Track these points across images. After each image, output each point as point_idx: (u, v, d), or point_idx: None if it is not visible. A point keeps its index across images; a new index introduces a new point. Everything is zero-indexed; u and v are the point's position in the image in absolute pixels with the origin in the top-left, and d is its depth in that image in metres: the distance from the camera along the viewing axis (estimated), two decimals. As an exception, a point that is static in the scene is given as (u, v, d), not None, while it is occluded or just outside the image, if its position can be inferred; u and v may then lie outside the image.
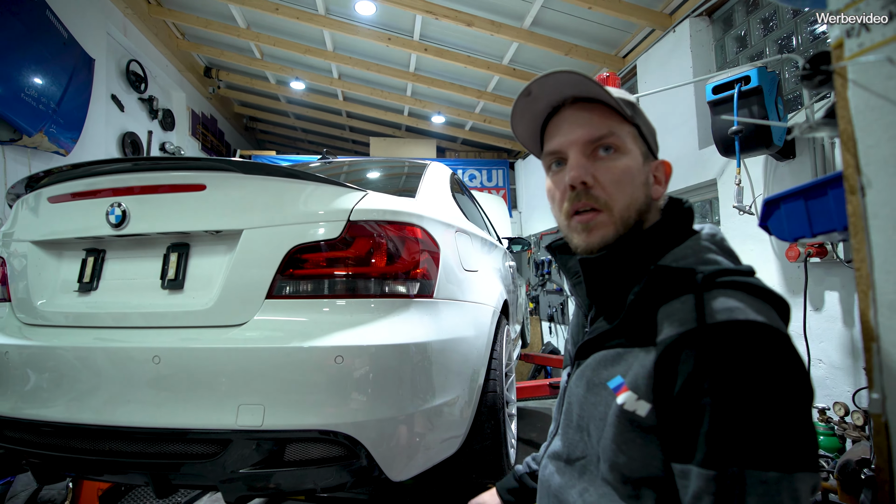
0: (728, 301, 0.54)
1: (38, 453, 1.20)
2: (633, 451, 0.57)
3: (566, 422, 0.70)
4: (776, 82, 2.33)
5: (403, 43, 4.93)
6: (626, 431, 0.57)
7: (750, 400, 0.49)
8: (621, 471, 0.58)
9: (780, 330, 0.53)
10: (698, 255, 0.61)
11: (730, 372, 0.50)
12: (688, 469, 0.52)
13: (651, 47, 3.96)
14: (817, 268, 2.37)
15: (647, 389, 0.56)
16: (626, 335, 0.61)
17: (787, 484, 0.47)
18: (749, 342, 0.51)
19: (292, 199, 1.19)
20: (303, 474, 1.08)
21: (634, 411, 0.56)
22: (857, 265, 0.58)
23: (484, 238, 2.13)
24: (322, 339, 1.08)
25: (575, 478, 0.65)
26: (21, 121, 3.14)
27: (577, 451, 0.66)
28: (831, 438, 2.04)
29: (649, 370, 0.56)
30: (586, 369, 0.65)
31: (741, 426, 0.49)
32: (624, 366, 0.60)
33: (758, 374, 0.50)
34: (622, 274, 0.64)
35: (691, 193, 3.64)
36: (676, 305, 0.57)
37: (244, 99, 7.68)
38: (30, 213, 1.38)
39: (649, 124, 0.71)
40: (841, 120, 0.58)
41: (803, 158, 2.45)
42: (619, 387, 0.59)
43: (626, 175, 0.65)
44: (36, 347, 1.23)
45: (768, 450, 0.48)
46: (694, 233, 0.66)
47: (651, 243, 0.64)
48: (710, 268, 0.59)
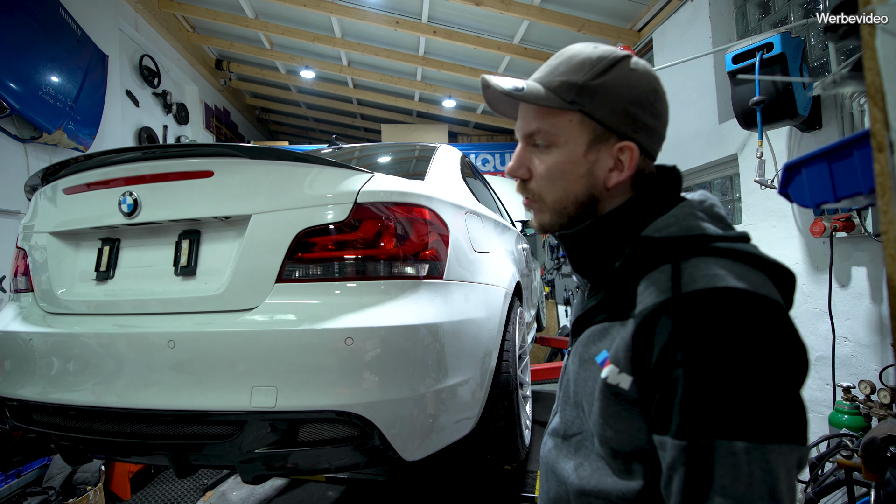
0: (707, 268, 0.52)
1: (67, 436, 1.25)
2: (619, 424, 0.56)
3: (564, 398, 0.70)
4: (801, 48, 2.22)
5: (412, 26, 4.85)
6: (611, 405, 0.57)
7: (722, 369, 0.47)
8: (610, 445, 0.58)
9: (768, 297, 0.50)
10: (682, 223, 0.58)
11: (702, 341, 0.48)
12: (664, 440, 0.51)
13: (668, 19, 3.81)
14: (843, 243, 2.28)
15: (627, 362, 0.55)
16: (610, 309, 0.60)
17: (757, 455, 0.46)
18: (725, 310, 0.49)
19: (299, 183, 1.19)
20: (317, 454, 1.10)
21: (618, 384, 0.56)
22: (885, 228, 0.54)
23: (496, 220, 2.11)
24: (331, 321, 1.09)
25: (571, 453, 0.65)
26: (40, 119, 3.21)
27: (574, 427, 0.66)
28: (856, 417, 1.98)
29: (628, 343, 0.55)
30: (579, 345, 0.65)
31: (712, 396, 0.47)
32: (609, 340, 0.59)
33: (732, 342, 0.48)
34: (600, 247, 0.63)
35: (711, 170, 3.53)
36: (654, 276, 0.55)
37: (256, 90, 7.72)
38: (47, 205, 1.42)
39: (613, 100, 0.60)
40: (868, 72, 0.54)
41: (830, 128, 2.34)
42: (603, 361, 0.58)
43: (555, 170, 0.63)
44: (59, 335, 1.26)
45: (738, 420, 0.46)
46: (682, 200, 0.62)
47: (629, 215, 0.61)
48: (692, 233, 0.56)
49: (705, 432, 0.47)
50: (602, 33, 4.33)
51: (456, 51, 5.40)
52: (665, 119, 0.64)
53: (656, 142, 0.64)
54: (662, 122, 0.63)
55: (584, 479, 0.61)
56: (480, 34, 4.94)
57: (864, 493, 1.66)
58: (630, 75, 0.61)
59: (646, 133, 0.62)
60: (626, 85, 0.61)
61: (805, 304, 2.55)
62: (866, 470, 1.34)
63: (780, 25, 2.85)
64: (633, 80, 0.61)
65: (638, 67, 0.63)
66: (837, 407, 2.10)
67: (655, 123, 0.62)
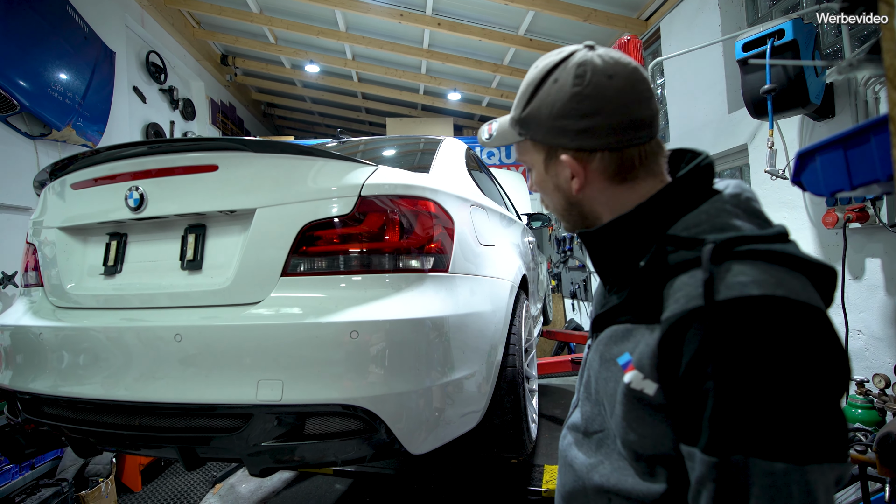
0: (742, 274, 0.48)
1: (77, 429, 1.27)
2: (643, 429, 0.55)
3: (585, 394, 0.68)
4: (814, 35, 2.16)
5: (416, 18, 4.81)
6: (634, 409, 0.55)
7: (756, 383, 0.44)
8: (633, 448, 0.56)
9: (809, 304, 0.47)
10: (714, 221, 0.54)
11: (735, 353, 0.45)
12: (693, 452, 0.49)
13: (676, 7, 3.74)
14: (857, 234, 2.24)
15: (652, 369, 0.52)
16: (633, 310, 0.58)
17: (797, 476, 0.43)
18: (761, 320, 0.45)
19: (303, 177, 1.19)
20: (324, 447, 1.10)
21: (642, 390, 0.53)
22: (903, 215, 0.52)
23: (502, 213, 2.09)
24: (336, 314, 1.08)
25: (592, 451, 0.64)
26: (49, 115, 3.24)
27: (595, 424, 0.65)
28: (870, 412, 1.95)
29: (653, 350, 0.52)
30: (600, 343, 0.63)
31: (746, 412, 0.45)
32: (632, 343, 0.57)
33: (767, 354, 0.45)
34: (621, 246, 0.61)
35: (721, 160, 3.47)
36: (684, 279, 0.52)
37: (261, 85, 7.72)
38: (56, 200, 1.43)
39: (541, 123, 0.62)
40: (886, 54, 0.52)
41: (843, 117, 2.28)
42: (626, 364, 0.56)
43: (538, 188, 0.68)
44: (68, 329, 1.28)
45: (776, 439, 0.44)
46: (715, 193, 0.58)
47: (654, 211, 0.58)
48: (725, 235, 0.51)
49: (739, 449, 0.45)
50: (609, 23, 4.27)
51: (460, 43, 5.36)
52: (608, 108, 0.58)
53: (607, 135, 0.59)
54: (603, 114, 0.58)
55: (605, 477, 0.60)
56: (485, 25, 4.89)
57: (878, 488, 1.63)
58: (550, 91, 0.61)
59: (586, 136, 0.59)
60: (546, 104, 0.61)
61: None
62: (881, 465, 1.32)
63: (791, 12, 2.78)
64: (552, 96, 0.61)
65: (560, 77, 0.60)
66: (851, 401, 2.07)
67: (591, 122, 0.59)
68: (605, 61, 0.59)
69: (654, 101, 0.62)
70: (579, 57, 0.60)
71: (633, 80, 0.59)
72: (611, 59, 0.59)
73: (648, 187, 0.61)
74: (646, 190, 0.60)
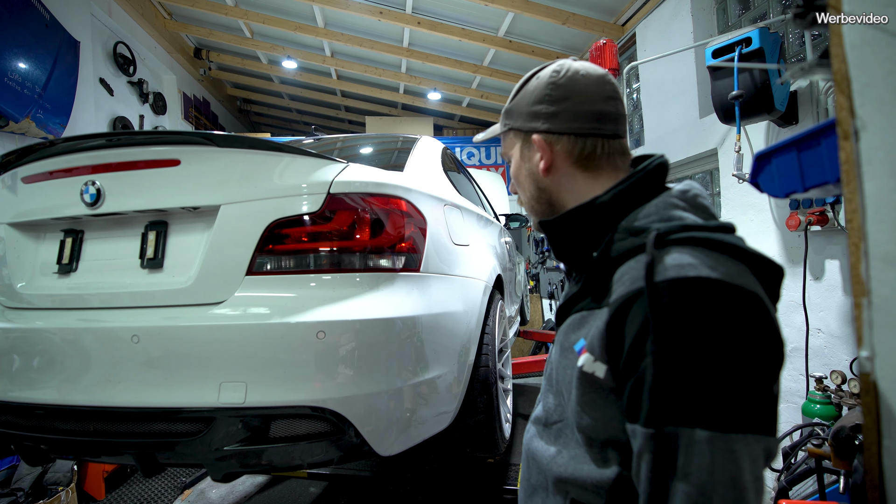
0: (681, 258, 0.51)
1: (29, 436, 1.20)
2: (594, 412, 0.57)
3: (547, 387, 0.71)
4: (779, 44, 2.24)
5: (396, 16, 4.78)
6: (587, 393, 0.57)
7: (687, 358, 0.47)
8: (586, 433, 0.59)
9: (744, 287, 0.50)
10: (662, 213, 0.59)
11: (669, 330, 0.48)
12: (634, 429, 0.51)
13: (651, 13, 3.82)
14: (818, 236, 2.33)
15: (602, 351, 0.55)
16: (588, 297, 0.62)
17: (721, 445, 0.46)
18: (695, 299, 0.49)
19: (270, 173, 1.16)
20: (290, 451, 1.07)
21: (593, 373, 0.56)
22: (849, 217, 0.54)
23: (478, 214, 2.09)
24: (303, 314, 1.06)
25: (551, 441, 0.66)
26: (7, 106, 3.08)
27: (555, 415, 0.67)
28: (828, 407, 2.03)
29: (602, 331, 0.55)
30: (560, 334, 0.66)
31: (677, 385, 0.48)
32: (586, 329, 0.60)
33: (698, 331, 0.48)
34: (578, 235, 0.65)
35: (692, 164, 3.56)
36: (630, 264, 0.56)
37: (237, 80, 7.54)
38: (6, 195, 1.35)
39: (520, 109, 0.71)
40: (835, 59, 0.53)
41: (806, 123, 2.37)
42: (581, 349, 0.59)
43: (514, 179, 0.75)
44: (18, 330, 1.21)
45: (701, 409, 0.47)
46: (663, 189, 0.63)
47: (609, 204, 0.63)
48: (669, 224, 0.56)
49: (670, 420, 0.48)
50: (586, 27, 4.33)
51: (441, 42, 5.35)
52: (576, 97, 0.66)
53: (573, 119, 0.66)
54: (572, 101, 0.66)
55: (562, 467, 0.62)
56: (465, 26, 4.89)
57: (833, 480, 1.70)
58: (531, 86, 0.70)
59: (554, 119, 0.67)
60: (526, 94, 0.70)
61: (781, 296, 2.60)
62: (836, 458, 1.37)
63: (759, 21, 2.88)
64: (532, 88, 0.70)
65: (541, 75, 0.70)
66: (810, 397, 2.15)
67: (560, 107, 0.66)
68: (581, 65, 0.69)
69: (620, 103, 0.68)
70: (561, 62, 0.70)
71: (601, 81, 0.68)
72: (586, 65, 0.69)
73: (609, 182, 0.66)
74: (607, 184, 0.65)
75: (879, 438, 0.52)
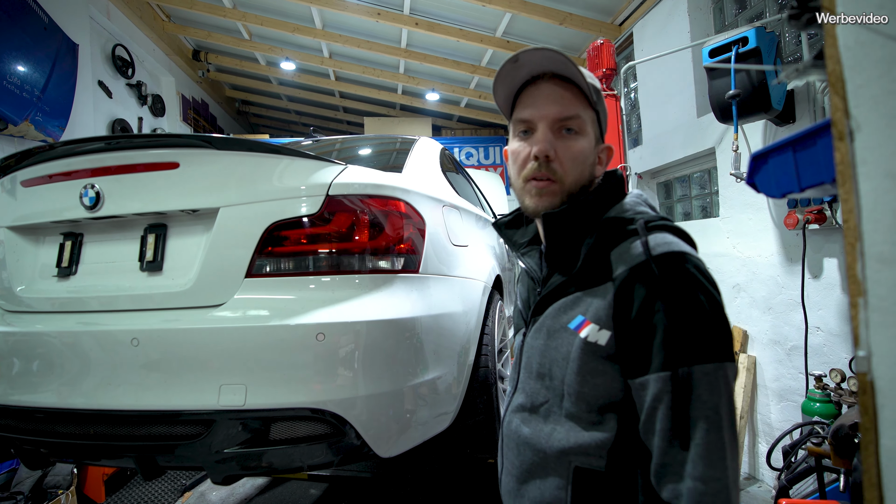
0: (664, 237, 0.66)
1: (29, 440, 1.20)
2: (596, 378, 0.67)
3: (526, 375, 0.77)
4: (775, 43, 2.24)
5: (394, 17, 4.78)
6: (589, 362, 0.67)
7: (691, 311, 0.61)
8: (587, 400, 0.67)
9: (698, 255, 0.67)
10: (634, 209, 0.73)
11: (675, 291, 0.62)
12: (646, 380, 0.62)
13: (648, 13, 3.82)
14: (816, 234, 2.33)
15: (608, 318, 0.66)
16: (583, 279, 0.71)
17: (721, 372, 0.60)
18: (685, 267, 0.64)
19: (269, 175, 1.16)
20: (290, 453, 1.07)
21: (596, 342, 0.66)
22: (845, 217, 0.54)
23: (477, 214, 2.09)
24: (302, 316, 1.06)
25: (541, 423, 0.73)
26: (5, 109, 3.08)
27: (540, 397, 0.74)
28: (828, 405, 2.04)
29: (609, 301, 0.66)
30: (545, 320, 0.74)
31: (687, 332, 0.61)
32: (583, 306, 0.69)
33: (694, 289, 0.62)
34: (576, 227, 0.73)
35: (689, 163, 3.57)
36: (626, 246, 0.68)
37: (235, 82, 7.54)
38: (5, 198, 1.35)
39: (606, 111, 0.79)
40: (829, 60, 0.54)
41: (803, 122, 2.38)
42: (580, 324, 0.68)
43: (581, 155, 0.74)
44: (17, 334, 1.21)
45: (707, 348, 0.60)
46: (625, 195, 0.78)
47: (596, 203, 0.75)
48: (647, 216, 0.71)
49: (685, 361, 0.60)
50: (584, 27, 4.34)
51: (438, 43, 5.35)
52: None
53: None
54: None
55: (562, 440, 0.69)
56: (463, 27, 4.90)
57: (834, 479, 1.70)
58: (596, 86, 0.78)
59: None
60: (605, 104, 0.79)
61: (780, 294, 2.60)
62: (835, 456, 1.38)
63: (755, 20, 2.88)
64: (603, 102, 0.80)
65: (595, 79, 0.79)
66: (810, 395, 2.15)
67: None
68: None
69: None
70: None
71: None
72: None
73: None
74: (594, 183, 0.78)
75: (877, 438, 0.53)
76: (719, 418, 0.59)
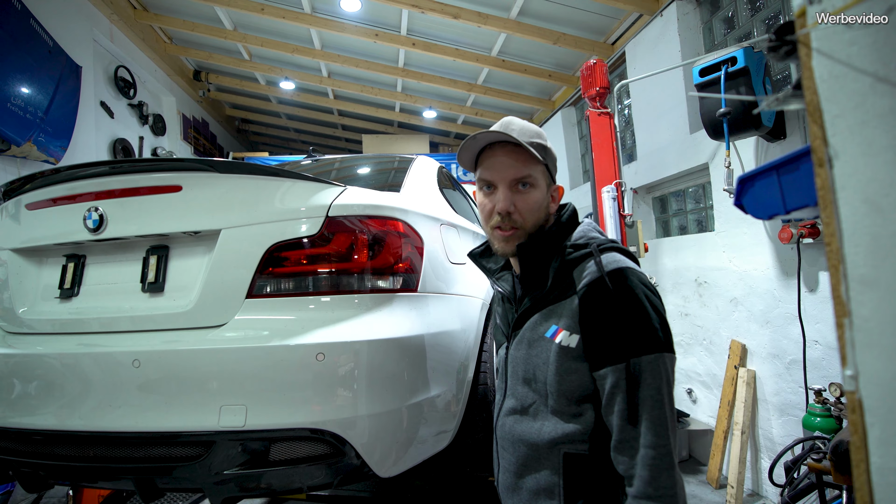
0: (613, 257, 0.84)
1: (28, 462, 1.20)
2: (571, 376, 0.81)
3: (513, 382, 0.92)
4: (763, 62, 2.31)
5: (391, 38, 4.89)
6: (564, 363, 0.81)
7: (636, 314, 0.77)
8: (566, 395, 0.82)
9: (640, 269, 0.85)
10: (588, 235, 0.90)
11: (623, 298, 0.78)
12: (606, 371, 0.78)
13: (639, 33, 3.92)
14: (810, 248, 2.36)
15: (576, 324, 0.81)
16: (553, 295, 0.86)
17: (662, 361, 0.76)
18: (630, 279, 0.80)
19: (270, 197, 1.18)
20: (290, 474, 1.07)
21: (569, 345, 0.81)
22: (828, 240, 0.56)
23: (474, 231, 2.12)
24: (302, 337, 1.07)
25: (531, 421, 0.86)
26: (8, 130, 3.12)
27: (529, 399, 0.88)
28: (828, 419, 2.03)
29: (575, 310, 0.82)
30: (525, 332, 0.89)
31: (633, 330, 0.77)
32: (555, 317, 0.85)
33: (638, 296, 0.79)
34: (544, 254, 0.90)
35: (684, 178, 3.62)
36: (585, 265, 0.85)
37: (235, 101, 7.65)
38: (9, 221, 1.37)
39: (554, 158, 0.95)
40: (807, 91, 0.56)
41: (794, 138, 2.43)
42: (554, 332, 0.83)
43: (536, 205, 0.90)
44: (19, 355, 1.22)
45: (649, 341, 0.76)
46: (578, 223, 0.95)
47: (558, 233, 0.92)
48: (598, 241, 0.88)
49: (633, 353, 0.76)
50: (577, 46, 4.44)
51: (435, 62, 5.46)
52: None
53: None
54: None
55: (552, 432, 0.83)
56: (459, 46, 5.00)
57: (836, 495, 1.69)
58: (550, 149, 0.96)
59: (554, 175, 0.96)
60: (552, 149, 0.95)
61: (777, 308, 2.61)
62: (836, 473, 1.37)
63: (743, 40, 2.96)
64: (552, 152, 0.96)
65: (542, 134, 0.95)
66: (810, 410, 2.15)
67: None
68: None
69: None
70: None
71: None
72: None
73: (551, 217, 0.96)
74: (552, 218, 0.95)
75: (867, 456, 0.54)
76: (661, 397, 0.75)
